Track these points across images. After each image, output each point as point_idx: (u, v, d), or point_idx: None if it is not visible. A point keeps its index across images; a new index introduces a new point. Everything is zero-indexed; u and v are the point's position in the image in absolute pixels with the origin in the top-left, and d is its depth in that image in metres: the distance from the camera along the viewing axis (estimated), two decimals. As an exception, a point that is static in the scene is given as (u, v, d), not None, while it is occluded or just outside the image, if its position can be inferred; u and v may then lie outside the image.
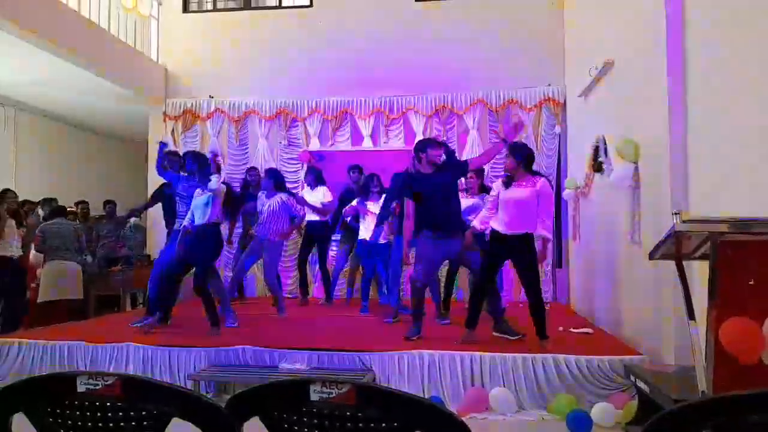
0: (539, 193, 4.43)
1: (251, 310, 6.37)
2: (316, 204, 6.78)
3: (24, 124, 9.91)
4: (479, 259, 4.73)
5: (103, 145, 12.18)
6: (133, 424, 1.30)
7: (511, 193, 4.47)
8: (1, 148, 9.50)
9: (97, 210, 8.88)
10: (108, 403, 1.29)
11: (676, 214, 2.49)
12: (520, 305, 6.81)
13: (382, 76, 8.24)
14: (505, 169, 4.57)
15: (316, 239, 7.04)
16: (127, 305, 7.66)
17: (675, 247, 2.68)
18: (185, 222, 5.22)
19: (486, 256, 4.63)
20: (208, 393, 4.33)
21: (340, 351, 4.38)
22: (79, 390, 1.29)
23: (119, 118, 10.60)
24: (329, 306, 6.95)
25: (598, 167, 5.83)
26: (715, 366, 2.44)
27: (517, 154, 4.49)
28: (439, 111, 8.15)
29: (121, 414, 1.30)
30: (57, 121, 10.77)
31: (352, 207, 6.45)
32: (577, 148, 7.26)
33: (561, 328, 5.34)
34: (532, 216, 4.43)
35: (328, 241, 7.15)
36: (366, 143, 8.28)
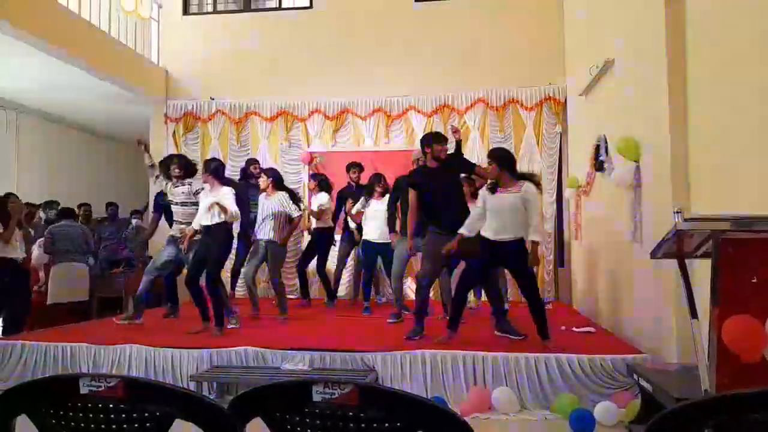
0: (524, 198, 4.43)
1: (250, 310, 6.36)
2: (313, 208, 6.80)
3: (25, 126, 9.92)
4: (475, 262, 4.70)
5: (105, 148, 12.19)
6: (136, 425, 1.30)
7: (497, 199, 4.46)
8: (2, 151, 9.51)
9: (98, 212, 8.89)
10: (110, 405, 1.30)
11: (678, 212, 2.47)
12: (520, 304, 6.82)
13: (383, 76, 8.25)
14: (493, 177, 4.54)
15: (318, 245, 7.03)
16: (129, 307, 7.66)
17: (677, 245, 2.68)
18: (197, 224, 5.25)
19: (477, 263, 4.60)
20: (210, 394, 4.33)
21: (342, 351, 4.38)
22: (81, 392, 1.29)
23: (120, 120, 10.61)
24: (331, 307, 6.95)
25: (599, 166, 5.83)
26: (718, 364, 2.43)
27: (497, 161, 4.49)
28: (439, 110, 8.15)
29: (124, 416, 1.30)
30: (58, 124, 10.77)
31: (359, 213, 6.44)
32: (578, 147, 7.26)
33: (563, 328, 5.33)
34: (521, 221, 4.44)
35: (329, 246, 7.13)
36: (367, 143, 8.28)
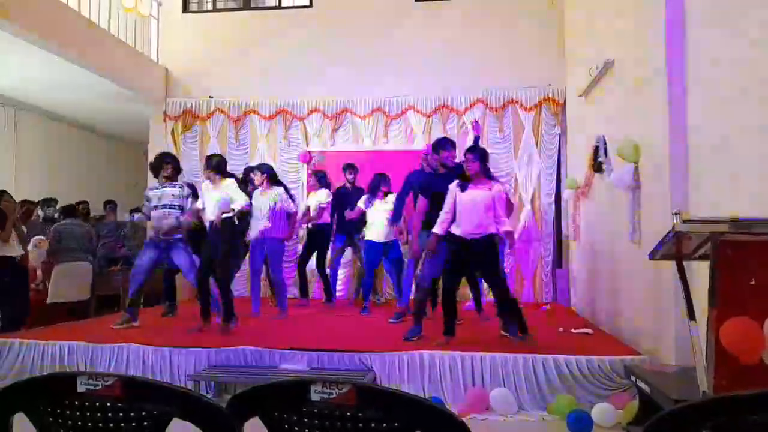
0: (495, 197, 4.48)
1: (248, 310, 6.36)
2: (312, 206, 6.79)
3: (24, 124, 9.90)
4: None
5: (103, 145, 12.17)
6: (133, 424, 1.30)
7: (469, 196, 4.49)
8: (1, 149, 9.50)
9: (96, 210, 8.88)
10: (108, 404, 1.30)
11: (677, 214, 2.48)
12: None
13: (382, 75, 8.24)
14: (472, 173, 4.53)
15: (317, 243, 7.03)
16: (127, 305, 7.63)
17: (675, 247, 2.68)
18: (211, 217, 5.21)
19: (449, 261, 4.61)
20: (208, 393, 4.33)
21: (341, 351, 4.38)
22: (79, 390, 1.29)
23: (119, 118, 10.59)
24: (331, 306, 6.94)
25: (598, 167, 5.83)
26: (716, 366, 2.44)
27: (480, 158, 4.54)
28: (438, 110, 8.15)
29: (121, 414, 1.30)
30: (57, 122, 10.76)
31: (358, 209, 6.43)
32: (577, 148, 7.26)
33: (561, 329, 5.34)
34: (490, 218, 4.47)
35: (327, 244, 7.13)
36: (366, 143, 8.29)
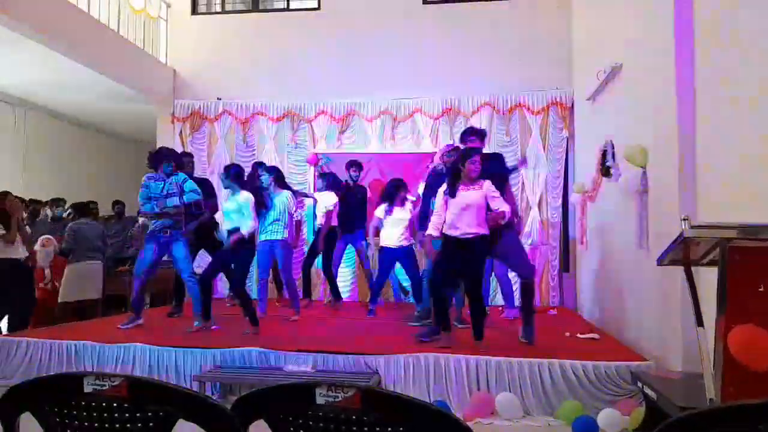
0: (487, 195, 4.53)
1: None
2: (320, 208, 6.79)
3: (33, 124, 9.98)
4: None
5: (112, 146, 12.25)
6: (139, 425, 1.30)
7: (463, 196, 4.51)
8: (10, 149, 9.57)
9: (104, 210, 8.92)
10: (114, 404, 1.30)
11: (685, 219, 2.45)
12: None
13: (389, 78, 8.25)
14: (474, 176, 4.54)
15: (322, 244, 7.00)
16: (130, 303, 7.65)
17: (683, 252, 2.65)
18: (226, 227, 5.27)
19: (441, 261, 4.63)
20: (214, 394, 4.34)
21: (346, 353, 4.38)
22: (85, 390, 1.29)
23: (127, 119, 10.67)
24: (338, 307, 6.92)
25: (605, 171, 5.81)
26: (723, 373, 2.41)
27: (482, 161, 4.54)
28: (446, 113, 8.15)
29: (127, 415, 1.30)
30: (66, 122, 10.84)
31: (376, 219, 6.40)
32: (584, 152, 7.24)
33: (568, 334, 5.31)
34: (482, 217, 4.51)
35: (334, 245, 7.10)
36: (373, 145, 8.29)
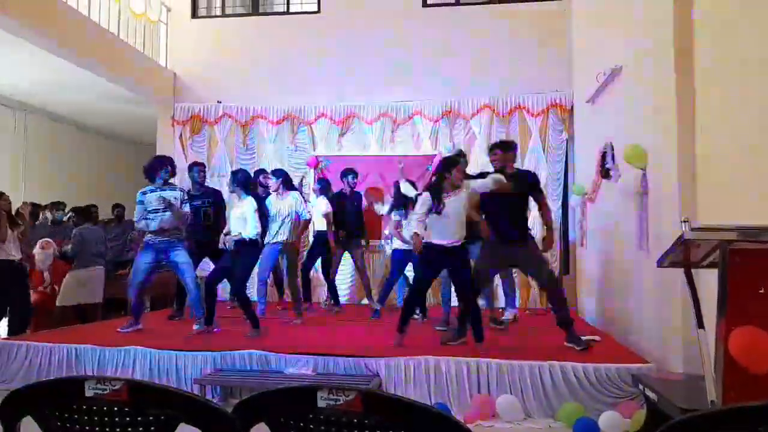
0: (470, 196, 4.69)
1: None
2: (315, 213, 6.76)
3: (33, 127, 9.99)
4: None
5: (112, 149, 12.26)
6: (141, 429, 1.30)
7: (448, 205, 4.58)
8: (10, 151, 9.58)
9: (104, 213, 8.91)
10: (115, 408, 1.30)
11: (685, 221, 2.46)
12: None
13: (389, 80, 8.26)
14: (459, 183, 4.63)
15: (321, 248, 6.98)
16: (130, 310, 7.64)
17: (683, 254, 2.65)
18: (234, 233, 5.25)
19: (425, 269, 4.72)
20: (214, 397, 4.33)
21: (346, 356, 4.37)
22: (86, 395, 1.29)
23: (128, 122, 10.68)
24: (339, 311, 6.90)
25: (605, 173, 5.81)
26: (725, 375, 2.41)
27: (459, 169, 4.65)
28: (445, 116, 8.15)
29: (128, 419, 1.30)
30: (66, 125, 10.85)
31: (397, 222, 6.29)
32: (584, 154, 7.24)
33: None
34: (464, 223, 4.66)
35: (331, 249, 7.05)
36: (372, 148, 8.29)
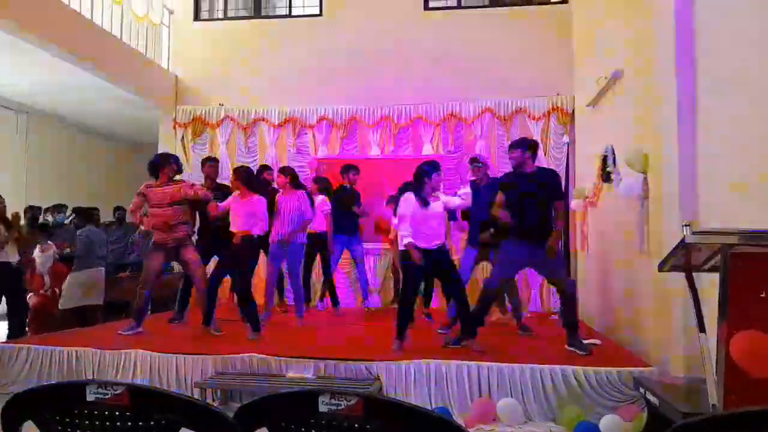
0: (445, 203, 4.92)
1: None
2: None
3: (34, 129, 10.01)
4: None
5: (113, 152, 12.27)
6: (142, 433, 1.30)
7: (432, 207, 4.74)
8: (12, 154, 9.59)
9: (105, 216, 8.92)
10: (116, 413, 1.30)
11: (687, 225, 2.46)
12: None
13: (390, 84, 8.28)
14: (439, 187, 4.90)
15: (318, 248, 6.95)
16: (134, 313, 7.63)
17: (685, 258, 2.65)
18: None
19: (413, 272, 4.75)
20: (215, 401, 4.33)
21: (347, 360, 4.36)
22: (88, 399, 1.29)
23: (129, 124, 10.69)
24: (337, 313, 6.90)
25: (606, 177, 5.81)
26: (726, 379, 2.41)
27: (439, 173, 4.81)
28: (447, 120, 8.16)
29: (130, 423, 1.30)
30: (68, 128, 10.87)
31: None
32: (585, 157, 7.24)
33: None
34: (444, 226, 4.91)
35: (329, 249, 7.02)
36: (374, 151, 8.30)
